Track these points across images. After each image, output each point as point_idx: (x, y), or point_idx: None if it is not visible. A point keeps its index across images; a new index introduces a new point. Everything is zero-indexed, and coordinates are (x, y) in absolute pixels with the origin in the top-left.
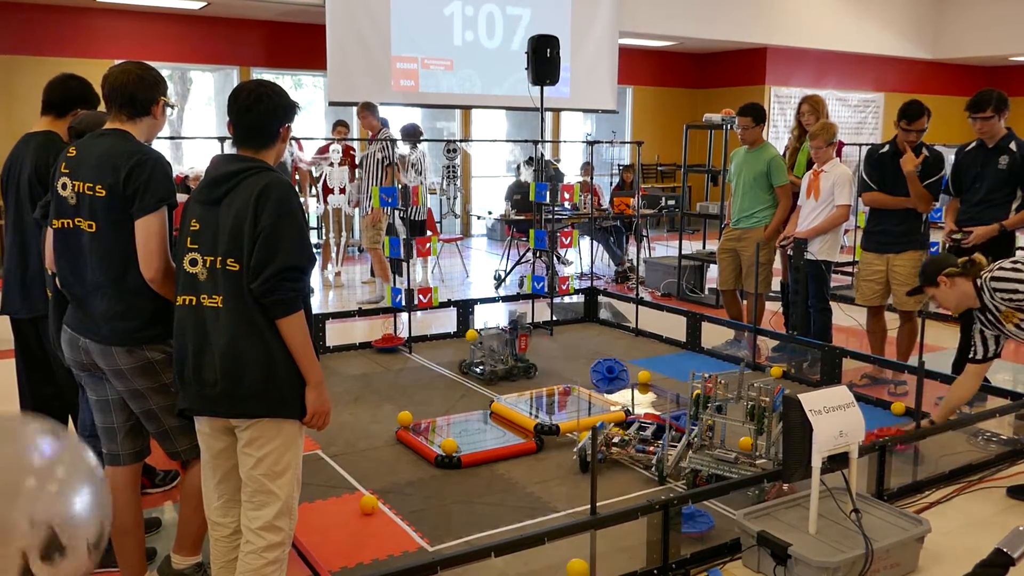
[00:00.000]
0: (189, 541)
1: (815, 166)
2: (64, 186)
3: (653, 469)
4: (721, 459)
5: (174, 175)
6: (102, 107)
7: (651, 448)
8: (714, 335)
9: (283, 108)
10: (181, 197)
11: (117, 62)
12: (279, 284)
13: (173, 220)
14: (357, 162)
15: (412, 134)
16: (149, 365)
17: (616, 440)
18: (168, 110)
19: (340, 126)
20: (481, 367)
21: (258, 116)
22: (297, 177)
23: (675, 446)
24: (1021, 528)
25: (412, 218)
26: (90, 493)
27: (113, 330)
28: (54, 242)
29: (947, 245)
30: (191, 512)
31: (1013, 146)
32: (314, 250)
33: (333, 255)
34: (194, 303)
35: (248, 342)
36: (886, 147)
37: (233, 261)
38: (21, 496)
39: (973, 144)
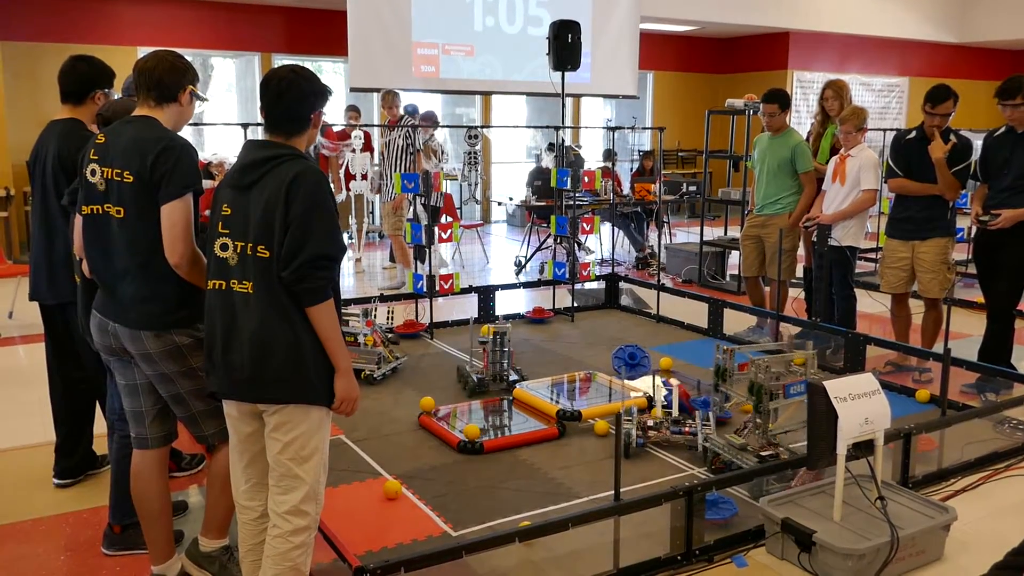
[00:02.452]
0: (216, 524)
1: (842, 150)
2: (93, 172)
3: (700, 450)
4: (731, 444)
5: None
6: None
7: (686, 429)
8: (736, 321)
9: (315, 94)
10: (206, 183)
11: (140, 49)
12: (309, 272)
13: (199, 206)
14: (375, 148)
15: (430, 120)
16: (177, 349)
17: (650, 424)
18: (198, 103)
19: (352, 111)
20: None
21: (289, 102)
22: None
23: (708, 425)
24: None
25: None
26: None
27: (141, 314)
28: (83, 228)
29: (974, 229)
30: (218, 495)
31: None
32: (344, 239)
33: (354, 241)
34: (224, 287)
35: (277, 328)
36: (913, 133)
37: (264, 248)
38: None
39: (1002, 129)
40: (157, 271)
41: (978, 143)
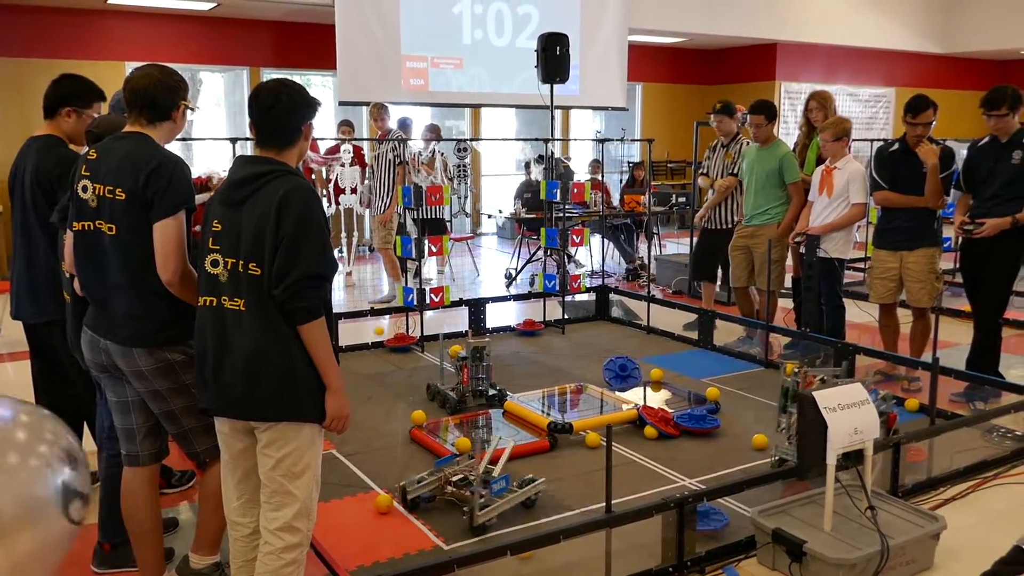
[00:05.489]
0: (208, 541)
1: (827, 162)
2: (84, 189)
3: (467, 516)
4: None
5: (193, 177)
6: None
7: (484, 492)
8: (726, 332)
9: (305, 105)
10: (201, 198)
11: (128, 64)
12: (301, 291)
13: (192, 223)
14: (367, 162)
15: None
16: (169, 366)
17: (457, 479)
18: (189, 113)
19: (345, 126)
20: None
21: (279, 115)
22: (313, 177)
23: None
24: None
25: (435, 216)
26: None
27: (133, 331)
28: (74, 245)
29: (959, 237)
30: (210, 512)
31: None
32: (336, 256)
33: (344, 255)
34: (215, 304)
35: (269, 346)
36: (896, 145)
37: (255, 266)
38: None
39: (986, 139)
40: (149, 288)
41: (962, 152)
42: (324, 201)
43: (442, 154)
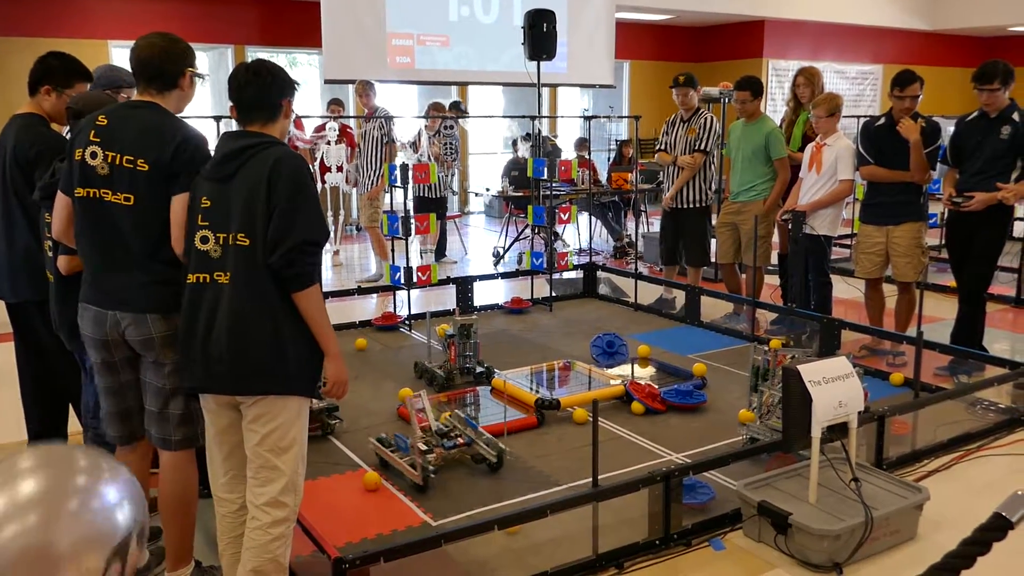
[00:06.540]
0: (179, 553)
1: (818, 138)
2: (94, 155)
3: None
4: (775, 429)
5: None
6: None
7: (460, 440)
8: (713, 308)
9: (281, 80)
10: None
11: (111, 43)
12: (297, 258)
13: None
14: (355, 141)
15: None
16: (176, 336)
17: (424, 448)
18: (198, 81)
19: (334, 104)
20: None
21: (258, 89)
22: None
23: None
24: (1020, 492)
25: (435, 196)
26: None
27: (148, 297)
28: (76, 212)
29: (946, 212)
30: (169, 518)
31: (1016, 116)
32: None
33: (331, 234)
34: (207, 281)
35: (256, 318)
36: (882, 120)
37: (244, 236)
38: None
39: (975, 114)
40: (164, 257)
41: (949, 128)
42: None
43: (434, 133)
